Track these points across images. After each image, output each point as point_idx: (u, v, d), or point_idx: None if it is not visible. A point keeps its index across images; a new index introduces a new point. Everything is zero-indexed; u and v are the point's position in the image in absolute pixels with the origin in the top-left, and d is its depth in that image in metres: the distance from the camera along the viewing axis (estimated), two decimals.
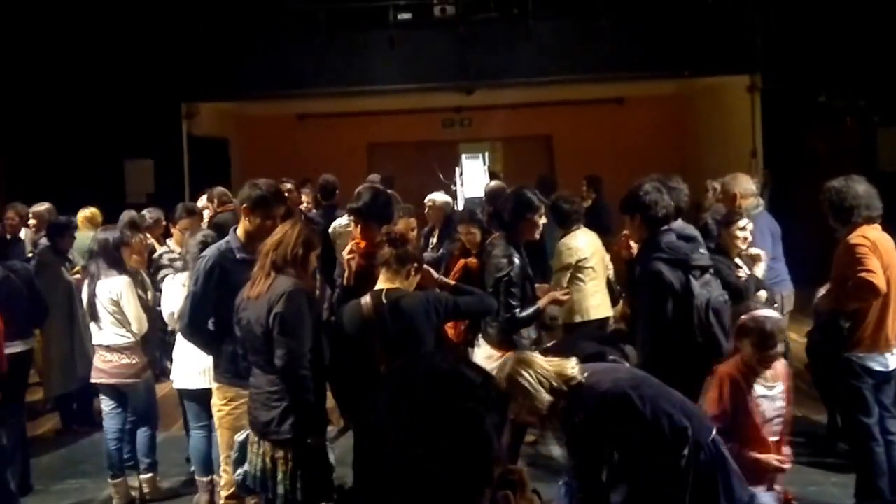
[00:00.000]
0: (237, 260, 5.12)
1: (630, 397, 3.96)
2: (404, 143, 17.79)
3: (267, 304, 4.57)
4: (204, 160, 14.68)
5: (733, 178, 7.74)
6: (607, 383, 4.08)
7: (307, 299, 4.66)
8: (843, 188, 5.76)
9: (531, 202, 5.92)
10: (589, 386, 4.07)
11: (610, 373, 4.22)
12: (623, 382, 4.09)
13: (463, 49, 14.08)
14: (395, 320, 4.61)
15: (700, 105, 16.82)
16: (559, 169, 17.20)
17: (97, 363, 6.56)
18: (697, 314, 5.04)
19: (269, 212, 5.17)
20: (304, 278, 4.73)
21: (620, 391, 4.01)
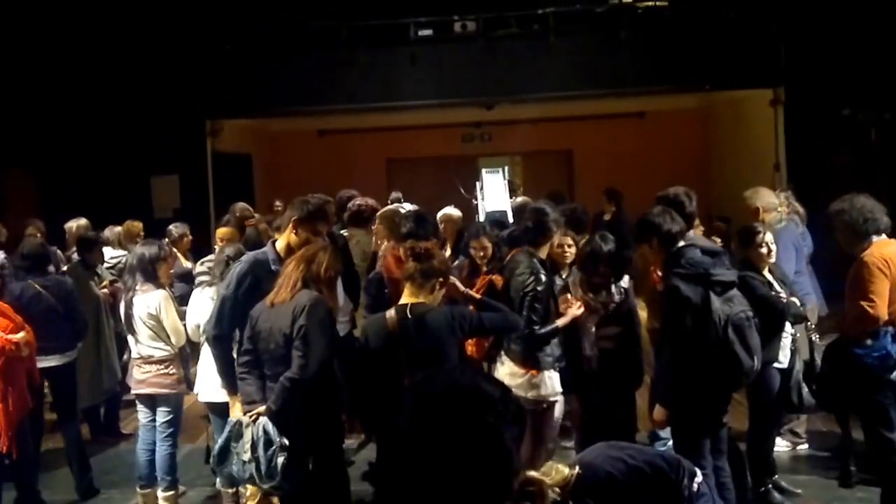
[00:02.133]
0: (271, 271, 5.18)
1: (623, 460, 3.99)
2: (424, 159, 17.87)
3: (291, 314, 4.68)
4: (228, 176, 14.82)
5: (755, 192, 7.70)
6: (599, 461, 4.07)
7: (329, 315, 4.77)
8: (848, 207, 5.78)
9: (553, 219, 5.97)
10: (585, 475, 4.03)
11: (592, 452, 4.18)
12: (607, 451, 4.10)
13: (483, 65, 14.14)
14: (419, 335, 4.64)
15: (722, 119, 16.79)
16: (579, 183, 17.25)
17: (135, 375, 6.63)
18: (715, 330, 4.98)
19: (316, 227, 5.31)
20: (330, 298, 4.85)
21: (615, 461, 4.03)
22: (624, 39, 13.77)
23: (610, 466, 3.99)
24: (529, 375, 5.67)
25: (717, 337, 4.99)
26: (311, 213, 5.29)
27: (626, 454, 4.00)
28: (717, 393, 5.19)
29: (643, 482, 3.96)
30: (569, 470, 3.99)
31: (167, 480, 6.62)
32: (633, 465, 3.95)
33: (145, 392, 6.63)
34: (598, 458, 4.06)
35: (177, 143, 14.15)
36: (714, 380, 5.08)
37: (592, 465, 4.05)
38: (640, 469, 3.95)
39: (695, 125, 17.36)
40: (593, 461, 4.07)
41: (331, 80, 14.36)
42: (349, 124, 17.28)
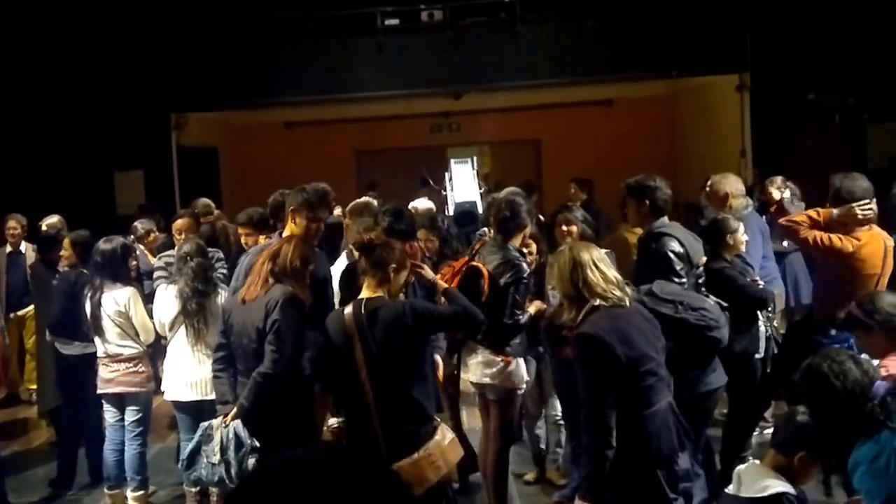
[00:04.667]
0: None
1: (607, 344, 4.17)
2: (392, 150, 17.78)
3: (264, 308, 4.75)
4: (193, 170, 14.67)
5: (723, 178, 7.70)
6: (598, 325, 4.27)
7: (299, 309, 4.78)
8: (850, 186, 5.88)
9: (527, 209, 6.01)
10: (592, 321, 4.30)
11: (609, 317, 4.32)
12: (607, 326, 4.27)
13: (451, 54, 14.08)
14: (373, 330, 4.61)
15: (689, 105, 16.84)
16: (547, 173, 17.24)
17: (102, 374, 6.55)
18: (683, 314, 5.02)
19: (315, 214, 5.45)
20: (302, 290, 4.89)
21: (599, 337, 4.21)
22: (591, 27, 13.74)
23: (590, 338, 4.26)
24: (503, 364, 5.70)
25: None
26: (307, 201, 5.41)
27: (619, 337, 4.26)
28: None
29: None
30: (601, 293, 4.33)
31: (137, 480, 6.56)
32: (614, 350, 4.21)
33: (114, 391, 6.55)
34: (600, 322, 4.34)
35: (141, 138, 13.94)
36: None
37: (593, 322, 4.34)
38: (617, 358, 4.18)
39: (663, 112, 17.40)
40: (598, 320, 4.34)
41: (297, 72, 14.24)
42: (317, 116, 17.18)
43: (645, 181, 5.72)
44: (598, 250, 4.60)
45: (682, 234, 5.77)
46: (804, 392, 3.70)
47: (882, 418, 3.43)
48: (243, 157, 17.10)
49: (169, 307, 6.29)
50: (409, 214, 6.56)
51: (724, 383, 5.42)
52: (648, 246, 5.66)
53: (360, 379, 4.58)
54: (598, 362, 4.23)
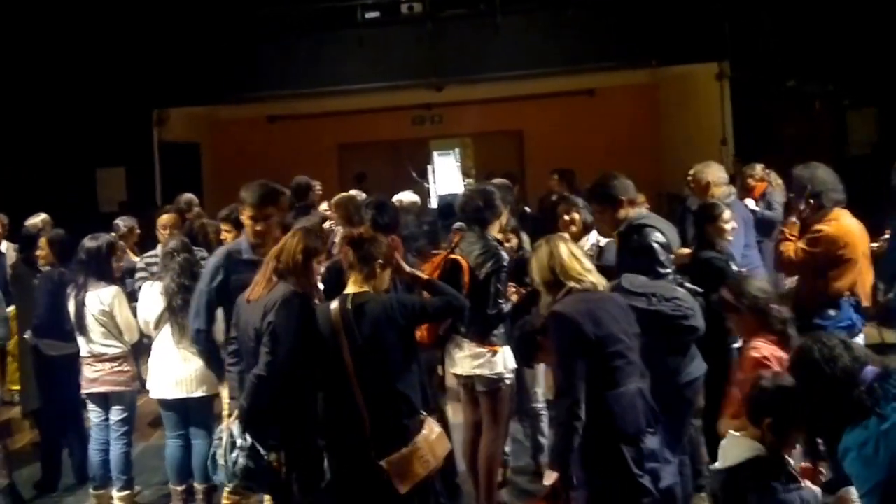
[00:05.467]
0: (243, 261, 5.33)
1: (577, 322, 4.43)
2: (375, 142, 17.76)
3: (263, 309, 4.69)
4: (175, 166, 14.61)
5: (706, 167, 7.70)
6: (571, 305, 4.54)
7: (301, 308, 4.70)
8: (810, 175, 6.01)
9: (501, 197, 6.07)
10: (565, 302, 4.57)
11: (582, 299, 4.58)
12: (580, 307, 4.52)
13: (431, 46, 14.07)
14: (360, 325, 4.59)
15: (670, 94, 16.87)
16: (530, 163, 17.22)
17: (86, 374, 6.53)
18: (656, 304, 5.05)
19: (264, 212, 5.36)
20: (306, 286, 4.81)
21: (570, 316, 4.48)
22: (570, 17, 13.75)
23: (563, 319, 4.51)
24: (490, 353, 5.74)
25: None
26: (259, 197, 5.33)
27: (593, 320, 4.49)
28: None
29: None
30: (574, 276, 4.66)
31: (122, 480, 6.53)
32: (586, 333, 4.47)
33: (98, 391, 6.53)
34: (572, 303, 4.61)
35: (122, 134, 13.89)
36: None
37: (566, 303, 4.61)
38: (588, 338, 4.46)
39: (644, 101, 17.41)
40: (571, 301, 4.63)
41: (279, 65, 14.22)
42: (299, 110, 17.13)
43: (616, 190, 5.65)
44: (574, 243, 4.85)
45: (661, 223, 5.76)
46: (795, 375, 3.73)
47: (870, 405, 3.45)
48: (226, 152, 17.03)
49: (154, 305, 6.26)
50: (393, 207, 6.54)
51: (703, 372, 5.41)
52: (630, 238, 5.61)
53: (348, 374, 4.57)
54: (568, 338, 4.50)
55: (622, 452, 4.48)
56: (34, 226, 8.96)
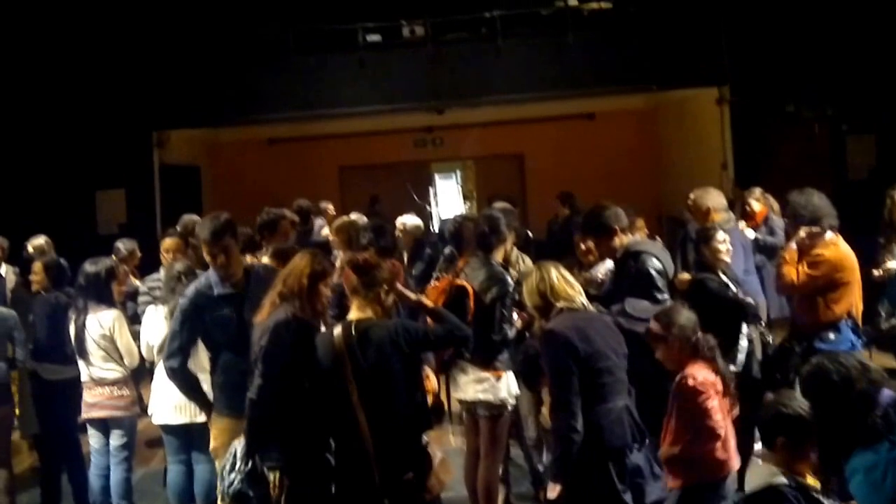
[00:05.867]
0: (215, 297, 5.22)
1: (567, 338, 4.60)
2: (376, 165, 17.75)
3: (260, 332, 4.71)
4: (176, 188, 14.56)
5: (705, 193, 7.77)
6: (562, 322, 4.70)
7: (296, 332, 4.69)
8: (805, 202, 6.15)
9: (506, 223, 6.16)
10: (556, 320, 4.73)
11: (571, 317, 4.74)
12: (570, 324, 4.68)
13: (433, 69, 14.09)
14: (364, 351, 4.59)
15: (670, 118, 16.90)
16: (531, 187, 17.24)
17: (86, 398, 6.51)
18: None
19: (218, 245, 5.22)
20: (307, 310, 4.77)
21: (561, 333, 4.64)
22: (571, 42, 13.79)
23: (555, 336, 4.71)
24: (494, 378, 5.79)
25: None
26: (212, 233, 5.24)
27: (581, 336, 4.70)
28: None
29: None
30: (564, 296, 4.88)
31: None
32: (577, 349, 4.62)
33: (98, 416, 6.50)
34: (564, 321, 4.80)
35: (122, 156, 13.84)
36: None
37: (557, 322, 4.80)
38: (578, 354, 4.64)
39: (644, 125, 17.44)
40: (562, 320, 4.81)
41: (279, 88, 14.22)
42: (300, 132, 17.13)
43: (609, 220, 5.79)
44: (563, 268, 4.98)
45: (657, 250, 5.90)
46: (808, 392, 3.73)
47: (883, 430, 3.43)
48: (226, 175, 17.01)
49: (158, 329, 6.25)
50: (391, 231, 6.58)
51: None
52: (627, 264, 5.72)
53: (352, 401, 4.56)
54: (560, 354, 4.66)
55: (607, 466, 4.63)
56: (39, 248, 8.95)
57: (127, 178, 14.07)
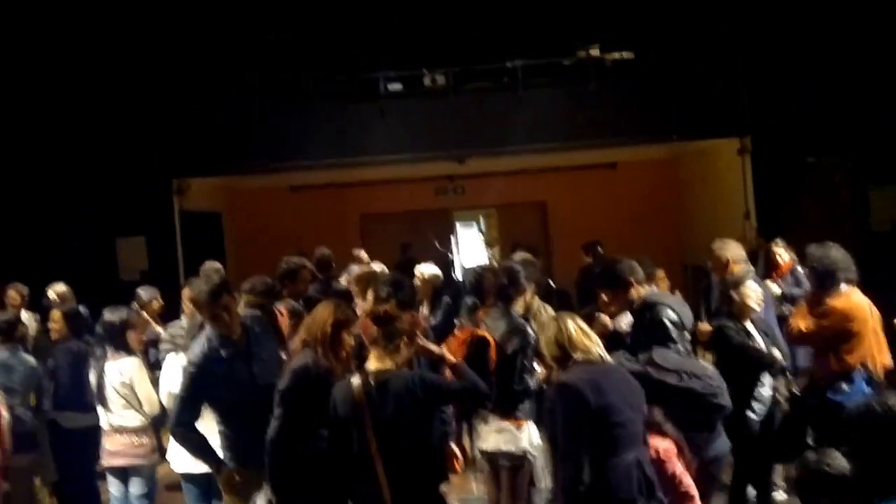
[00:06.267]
0: (222, 358, 5.23)
1: (579, 390, 4.56)
2: (397, 213, 17.78)
3: (281, 377, 4.84)
4: (197, 235, 14.63)
5: (724, 244, 7.78)
6: (575, 374, 4.67)
7: (314, 379, 4.77)
8: (822, 255, 6.33)
9: (525, 275, 6.32)
10: (570, 371, 4.70)
11: (587, 370, 4.69)
12: (584, 376, 4.64)
13: (454, 119, 14.16)
14: (382, 402, 4.61)
15: (692, 168, 16.89)
16: (554, 235, 17.23)
17: (106, 446, 6.50)
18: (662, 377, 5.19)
19: (218, 303, 5.27)
20: (330, 357, 4.85)
21: (574, 385, 4.61)
22: (592, 91, 13.85)
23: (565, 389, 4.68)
24: (515, 428, 5.88)
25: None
26: (202, 298, 5.31)
27: (593, 388, 4.62)
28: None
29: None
30: (581, 348, 4.73)
31: None
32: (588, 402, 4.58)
33: (118, 464, 6.48)
34: (576, 373, 4.74)
35: (142, 203, 13.92)
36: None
37: (569, 374, 4.76)
38: (588, 406, 4.57)
39: (666, 175, 17.43)
40: (573, 372, 4.75)
41: (300, 136, 14.30)
42: (321, 180, 17.22)
43: (623, 273, 5.84)
44: (581, 319, 4.97)
45: (672, 300, 6.01)
46: (852, 434, 3.68)
47: None
48: (247, 222, 17.08)
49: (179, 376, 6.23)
50: (410, 285, 6.61)
51: (728, 449, 5.58)
52: (643, 315, 5.78)
53: (371, 451, 4.56)
54: (571, 406, 4.63)
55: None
56: (60, 294, 9.00)
57: (148, 225, 14.14)
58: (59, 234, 13.45)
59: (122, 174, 13.68)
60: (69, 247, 13.27)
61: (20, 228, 13.39)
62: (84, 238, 13.60)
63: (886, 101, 12.33)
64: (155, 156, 13.85)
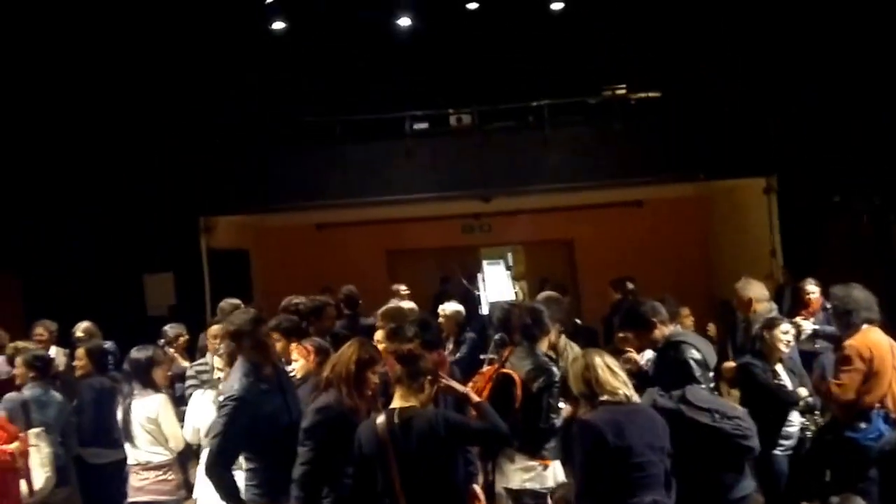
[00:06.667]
0: (259, 390, 5.22)
1: (599, 430, 4.59)
2: (424, 250, 17.81)
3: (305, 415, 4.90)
4: (224, 272, 14.71)
5: (747, 283, 7.86)
6: (598, 414, 4.69)
7: (336, 419, 4.81)
8: (843, 295, 6.37)
9: (549, 315, 6.34)
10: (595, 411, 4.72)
11: (610, 410, 4.70)
12: (606, 417, 4.66)
13: (480, 158, 14.24)
14: (407, 440, 4.63)
15: (718, 206, 16.85)
16: (582, 272, 17.17)
17: (133, 482, 6.52)
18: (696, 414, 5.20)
19: (255, 337, 5.31)
20: (354, 396, 4.89)
21: (595, 425, 4.64)
22: (618, 130, 13.91)
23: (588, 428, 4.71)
24: (541, 467, 5.88)
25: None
26: (236, 333, 5.34)
27: (615, 432, 4.63)
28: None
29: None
30: (610, 388, 4.72)
31: None
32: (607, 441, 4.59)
33: (144, 500, 6.50)
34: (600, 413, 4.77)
35: (170, 241, 14.06)
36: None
37: (594, 414, 4.75)
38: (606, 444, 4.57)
39: (693, 213, 17.36)
40: (599, 412, 4.75)
41: (326, 175, 14.43)
42: (347, 218, 17.28)
43: (647, 314, 5.90)
44: (610, 356, 4.96)
45: (696, 339, 6.03)
46: (870, 472, 3.70)
47: None
48: (274, 259, 17.14)
49: (205, 413, 6.27)
50: (436, 325, 6.65)
51: (753, 489, 5.58)
52: (667, 354, 5.82)
53: (395, 489, 4.58)
54: (589, 445, 4.66)
55: None
56: (87, 331, 9.08)
57: (175, 262, 14.27)
58: (87, 271, 13.58)
59: (151, 212, 13.83)
60: (98, 283, 13.39)
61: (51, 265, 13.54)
62: (113, 275, 13.72)
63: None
64: (183, 194, 13.99)
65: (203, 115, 13.91)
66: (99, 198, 13.74)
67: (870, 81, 12.45)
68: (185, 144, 13.88)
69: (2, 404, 6.80)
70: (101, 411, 7.12)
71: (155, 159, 13.84)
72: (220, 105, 14.01)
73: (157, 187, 13.87)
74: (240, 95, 14.19)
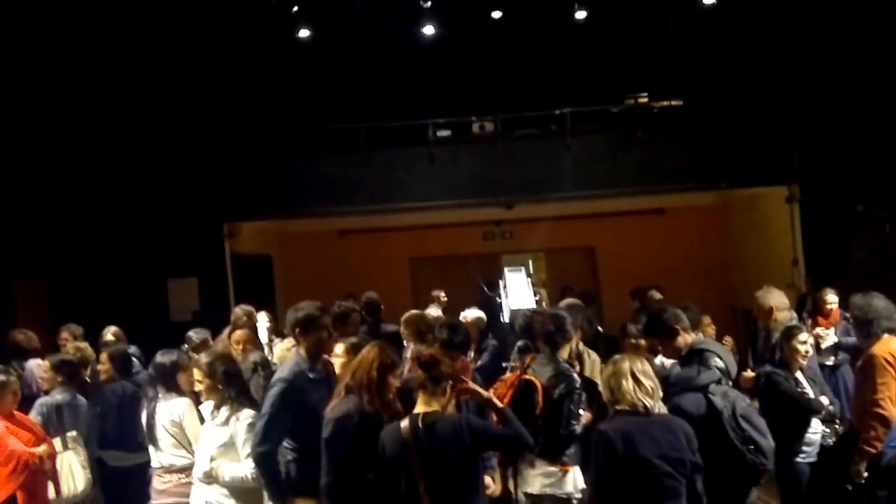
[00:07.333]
0: (311, 380, 5.40)
1: (611, 440, 4.60)
2: (446, 257, 17.85)
3: (325, 424, 4.89)
4: (248, 277, 14.81)
5: (767, 292, 7.87)
6: (613, 424, 4.70)
7: (357, 427, 4.84)
8: (863, 304, 6.29)
9: (571, 322, 6.33)
10: (612, 420, 4.73)
11: (625, 421, 4.69)
12: (620, 426, 4.65)
13: (502, 165, 14.27)
14: (430, 444, 4.66)
15: (740, 215, 16.82)
16: (603, 279, 17.17)
17: (156, 485, 6.56)
18: (731, 427, 5.24)
19: (319, 327, 5.49)
20: (376, 402, 4.92)
21: (607, 434, 4.64)
22: (640, 138, 13.90)
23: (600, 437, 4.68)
24: (561, 472, 5.90)
25: (734, 432, 5.26)
26: (305, 320, 5.49)
27: (624, 440, 4.61)
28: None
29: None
30: (628, 400, 4.69)
31: None
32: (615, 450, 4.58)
33: (166, 502, 6.56)
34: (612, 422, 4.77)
35: (194, 246, 14.18)
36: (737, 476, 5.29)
37: (609, 423, 4.77)
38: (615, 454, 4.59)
39: (714, 221, 17.33)
40: (613, 421, 4.75)
41: (349, 182, 14.49)
42: (370, 224, 17.34)
43: (670, 321, 5.88)
44: (643, 362, 4.89)
45: (719, 348, 6.00)
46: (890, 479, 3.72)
47: None
48: (297, 265, 17.23)
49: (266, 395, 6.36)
50: (465, 328, 6.67)
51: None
52: (691, 361, 5.79)
53: (419, 493, 4.63)
54: (601, 454, 4.67)
55: None
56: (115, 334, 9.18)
57: (199, 267, 14.37)
58: (112, 276, 13.71)
59: (176, 217, 13.94)
60: (122, 288, 13.51)
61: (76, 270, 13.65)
62: (137, 279, 13.84)
63: None
64: (207, 200, 14.09)
65: (229, 123, 14.01)
66: (125, 203, 13.86)
67: (892, 90, 12.41)
68: (210, 151, 13.98)
69: (36, 408, 6.91)
70: (124, 415, 7.19)
71: (181, 165, 13.95)
72: (247, 114, 14.10)
73: (182, 193, 13.99)
74: (266, 103, 14.28)
